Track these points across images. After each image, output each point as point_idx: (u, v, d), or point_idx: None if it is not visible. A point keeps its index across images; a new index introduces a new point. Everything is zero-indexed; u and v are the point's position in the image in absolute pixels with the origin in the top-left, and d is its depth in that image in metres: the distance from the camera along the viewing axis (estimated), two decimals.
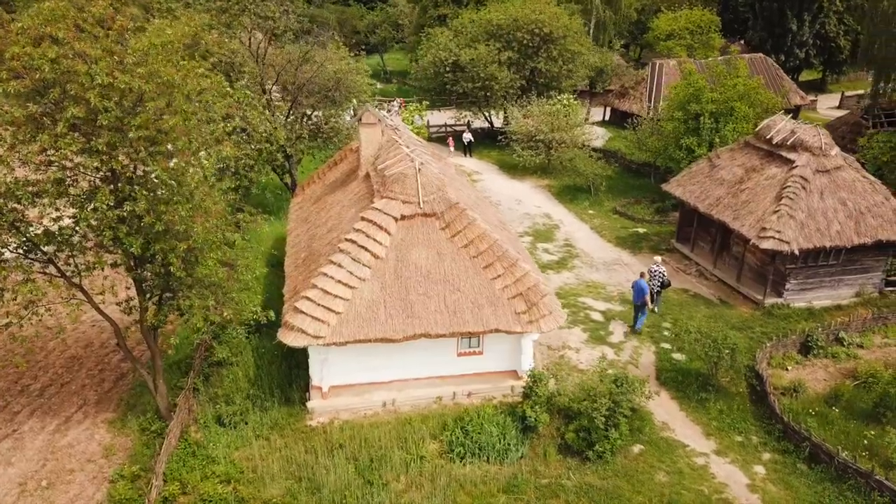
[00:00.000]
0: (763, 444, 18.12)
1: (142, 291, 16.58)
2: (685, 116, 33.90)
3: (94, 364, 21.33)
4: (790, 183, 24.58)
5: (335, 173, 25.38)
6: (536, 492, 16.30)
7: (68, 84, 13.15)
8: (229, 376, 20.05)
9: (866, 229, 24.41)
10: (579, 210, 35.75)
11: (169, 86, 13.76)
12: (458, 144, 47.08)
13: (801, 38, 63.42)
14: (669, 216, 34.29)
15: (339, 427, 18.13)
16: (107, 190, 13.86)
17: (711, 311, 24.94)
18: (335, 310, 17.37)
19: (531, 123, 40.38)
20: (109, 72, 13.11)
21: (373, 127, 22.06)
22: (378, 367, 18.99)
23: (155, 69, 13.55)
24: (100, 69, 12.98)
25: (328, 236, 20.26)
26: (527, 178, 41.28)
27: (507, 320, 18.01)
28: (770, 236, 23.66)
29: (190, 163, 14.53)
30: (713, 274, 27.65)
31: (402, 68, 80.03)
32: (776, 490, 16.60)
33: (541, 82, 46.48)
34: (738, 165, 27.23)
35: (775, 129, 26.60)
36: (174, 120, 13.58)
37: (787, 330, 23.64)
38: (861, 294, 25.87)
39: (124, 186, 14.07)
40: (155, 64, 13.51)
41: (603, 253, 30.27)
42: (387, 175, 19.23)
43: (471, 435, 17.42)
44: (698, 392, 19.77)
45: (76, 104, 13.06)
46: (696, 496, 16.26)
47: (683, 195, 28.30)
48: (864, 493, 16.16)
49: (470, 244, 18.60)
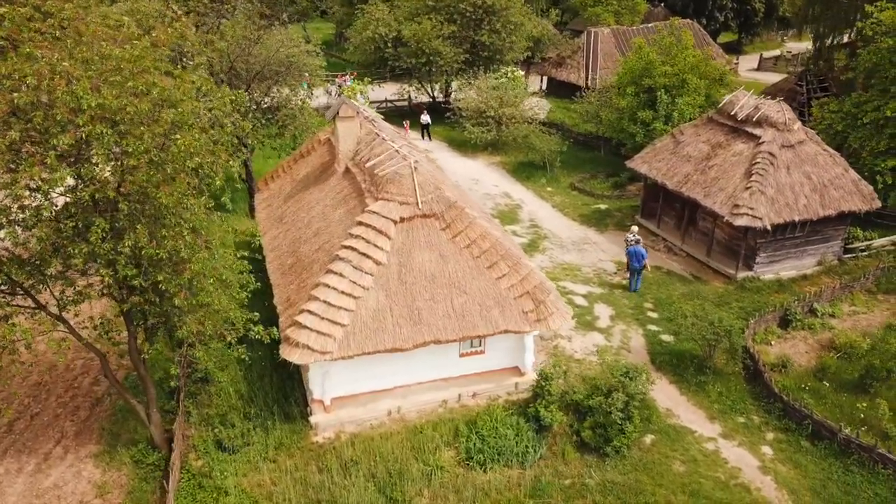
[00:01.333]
0: (765, 423, 18.62)
1: (131, 320, 15.24)
2: (638, 90, 34.10)
3: (64, 390, 19.66)
4: (759, 159, 25.08)
5: (304, 167, 24.09)
6: (561, 493, 16.20)
7: (50, 109, 11.61)
8: (219, 394, 18.94)
9: (830, 201, 25.28)
10: (538, 188, 35.59)
11: (165, 100, 12.39)
12: (413, 125, 45.79)
13: (721, 2, 65.21)
14: (627, 190, 34.65)
15: (347, 441, 17.42)
16: (102, 222, 12.39)
17: (688, 289, 25.37)
18: (340, 322, 16.52)
19: (480, 99, 39.70)
20: (94, 87, 11.64)
21: (350, 121, 20.94)
22: (381, 375, 18.31)
23: (148, 82, 12.14)
24: (81, 88, 11.45)
25: (316, 240, 19.22)
26: (478, 156, 40.74)
27: (516, 320, 17.64)
28: (744, 213, 24.14)
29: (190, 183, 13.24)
30: (682, 249, 28.10)
31: (325, 38, 77.19)
32: (786, 470, 17.11)
33: (484, 56, 45.71)
34: (704, 142, 27.59)
35: (739, 105, 27.02)
36: (184, 141, 12.23)
37: (761, 303, 24.35)
38: (822, 262, 26.92)
39: (123, 217, 12.64)
40: (141, 80, 12.08)
41: (570, 232, 30.27)
42: (380, 175, 18.30)
43: (487, 440, 17.09)
44: (696, 375, 20.09)
45: (63, 131, 11.54)
46: (714, 484, 16.55)
47: (650, 172, 28.50)
48: (869, 467, 16.88)
49: (472, 244, 18.03)
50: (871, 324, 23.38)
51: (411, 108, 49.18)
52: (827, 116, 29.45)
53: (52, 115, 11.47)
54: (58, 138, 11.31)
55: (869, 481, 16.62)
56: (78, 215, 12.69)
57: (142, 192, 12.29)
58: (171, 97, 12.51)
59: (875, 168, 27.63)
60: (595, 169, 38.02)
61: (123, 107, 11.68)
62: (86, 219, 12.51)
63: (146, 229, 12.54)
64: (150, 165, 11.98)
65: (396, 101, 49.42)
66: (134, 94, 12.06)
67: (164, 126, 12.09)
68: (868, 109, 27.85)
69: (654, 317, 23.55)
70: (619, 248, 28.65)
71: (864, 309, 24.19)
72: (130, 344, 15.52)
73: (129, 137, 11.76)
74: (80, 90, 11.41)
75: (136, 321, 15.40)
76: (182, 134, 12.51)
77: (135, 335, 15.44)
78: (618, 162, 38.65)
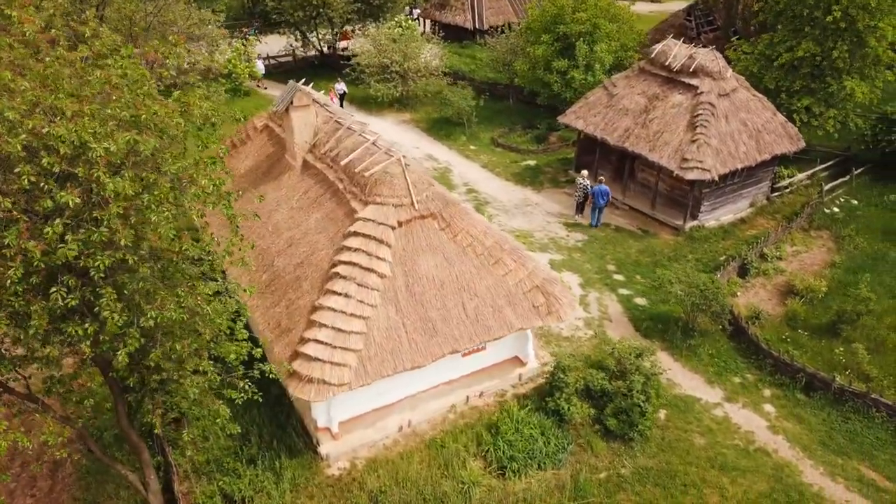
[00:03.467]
0: (760, 380, 19.23)
1: (120, 393, 12.84)
2: (552, 38, 33.33)
3: (8, 458, 16.67)
4: (700, 111, 25.29)
5: (243, 160, 21.36)
6: (601, 489, 15.91)
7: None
8: (202, 435, 16.81)
9: (765, 146, 26.14)
10: (460, 147, 34.37)
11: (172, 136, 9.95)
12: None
13: None
14: (550, 143, 34.24)
15: (366, 469, 16.08)
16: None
17: (641, 244, 25.60)
18: (354, 348, 14.90)
19: (384, 54, 37.35)
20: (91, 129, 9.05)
21: (306, 109, 18.58)
22: (385, 390, 16.93)
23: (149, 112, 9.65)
24: (82, 127, 8.83)
25: (293, 252, 17.14)
26: (386, 114, 38.66)
27: (528, 317, 16.79)
28: (693, 167, 24.40)
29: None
30: (624, 203, 28.23)
31: None
32: (791, 426, 17.81)
33: (375, 4, 42.94)
34: (640, 94, 27.44)
35: (672, 55, 26.98)
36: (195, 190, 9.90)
37: (712, 252, 25.08)
38: (754, 204, 28.08)
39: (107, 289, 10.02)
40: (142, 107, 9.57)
41: (509, 195, 29.54)
42: (366, 175, 16.41)
43: (515, 444, 16.38)
44: (684, 339, 20.33)
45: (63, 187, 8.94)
46: (736, 453, 16.90)
47: (587, 128, 28.09)
48: (864, 412, 17.91)
49: (474, 241, 16.77)
50: (814, 262, 24.77)
51: (296, 63, 45.72)
52: (742, 59, 30.17)
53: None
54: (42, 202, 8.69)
55: (867, 426, 17.65)
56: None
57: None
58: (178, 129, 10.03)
59: (791, 107, 28.82)
60: (510, 121, 37.26)
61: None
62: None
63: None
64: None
65: (280, 57, 45.68)
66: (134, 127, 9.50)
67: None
68: (781, 50, 28.76)
69: (620, 279, 23.58)
70: (561, 207, 28.45)
71: (803, 247, 25.53)
72: (119, 411, 13.13)
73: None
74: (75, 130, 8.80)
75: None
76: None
77: (124, 402, 13.07)
78: (530, 112, 38.25)
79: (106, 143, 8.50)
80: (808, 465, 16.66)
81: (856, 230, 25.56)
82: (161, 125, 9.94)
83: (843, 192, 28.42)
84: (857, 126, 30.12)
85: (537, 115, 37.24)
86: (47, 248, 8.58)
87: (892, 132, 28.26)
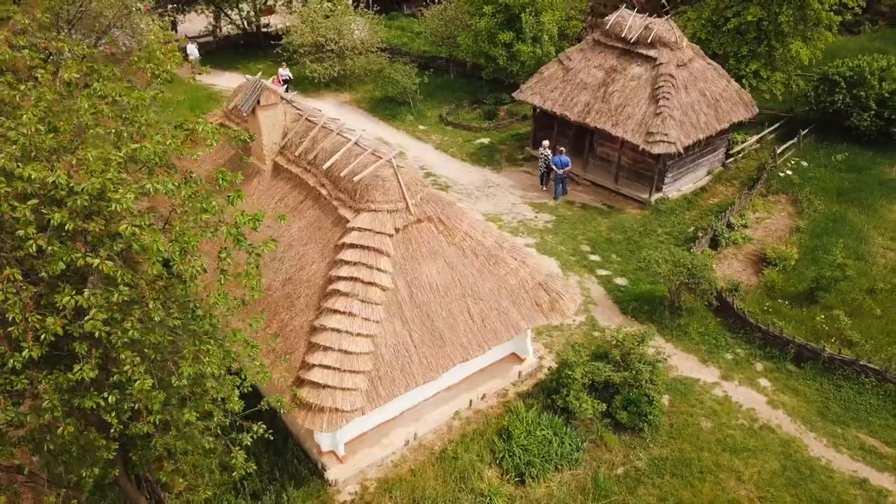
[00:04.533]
0: (751, 355, 19.38)
1: (122, 451, 11.49)
2: (494, 9, 32.34)
3: None
4: (661, 83, 25.04)
5: (200, 163, 19.57)
6: (620, 486, 15.65)
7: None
8: (191, 472, 15.46)
9: (723, 115, 26.24)
10: (408, 127, 33.12)
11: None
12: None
13: None
14: (500, 119, 33.48)
15: (379, 491, 15.23)
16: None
17: (610, 221, 25.40)
18: (363, 370, 13.91)
19: (317, 33, 35.40)
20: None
21: (274, 108, 17.06)
22: (388, 404, 16.03)
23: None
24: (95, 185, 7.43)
25: (280, 267, 15.80)
26: (324, 95, 36.83)
27: (532, 316, 16.18)
28: (659, 140, 24.21)
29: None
30: (585, 178, 27.89)
31: None
32: (789, 399, 18.05)
33: None
34: (596, 67, 26.94)
35: (627, 26, 26.53)
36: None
37: (680, 224, 25.16)
38: (711, 171, 28.32)
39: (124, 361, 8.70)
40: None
41: (469, 177, 28.70)
42: (354, 180, 15.20)
43: (530, 448, 15.86)
44: (673, 319, 20.27)
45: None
46: (743, 433, 16.97)
47: (544, 104, 27.44)
48: (854, 379, 18.33)
49: (475, 243, 15.92)
50: (778, 227, 25.20)
51: (218, 44, 42.97)
52: (689, 25, 30.11)
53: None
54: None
55: (858, 393, 18.07)
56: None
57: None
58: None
59: (740, 73, 29.07)
60: (454, 97, 36.20)
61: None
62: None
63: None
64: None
65: (200, 38, 42.73)
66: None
67: None
68: (729, 15, 28.85)
69: (597, 260, 23.30)
70: (523, 186, 27.94)
71: (765, 213, 25.94)
72: (121, 471, 11.79)
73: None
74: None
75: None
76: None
77: (126, 461, 11.74)
78: (473, 86, 37.31)
79: (128, 192, 7.17)
80: (812, 437, 16.92)
81: (812, 192, 26.13)
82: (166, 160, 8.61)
83: (793, 155, 29.02)
84: (798, 87, 30.75)
85: (480, 89, 36.34)
86: (67, 323, 7.23)
87: (835, 92, 28.93)
